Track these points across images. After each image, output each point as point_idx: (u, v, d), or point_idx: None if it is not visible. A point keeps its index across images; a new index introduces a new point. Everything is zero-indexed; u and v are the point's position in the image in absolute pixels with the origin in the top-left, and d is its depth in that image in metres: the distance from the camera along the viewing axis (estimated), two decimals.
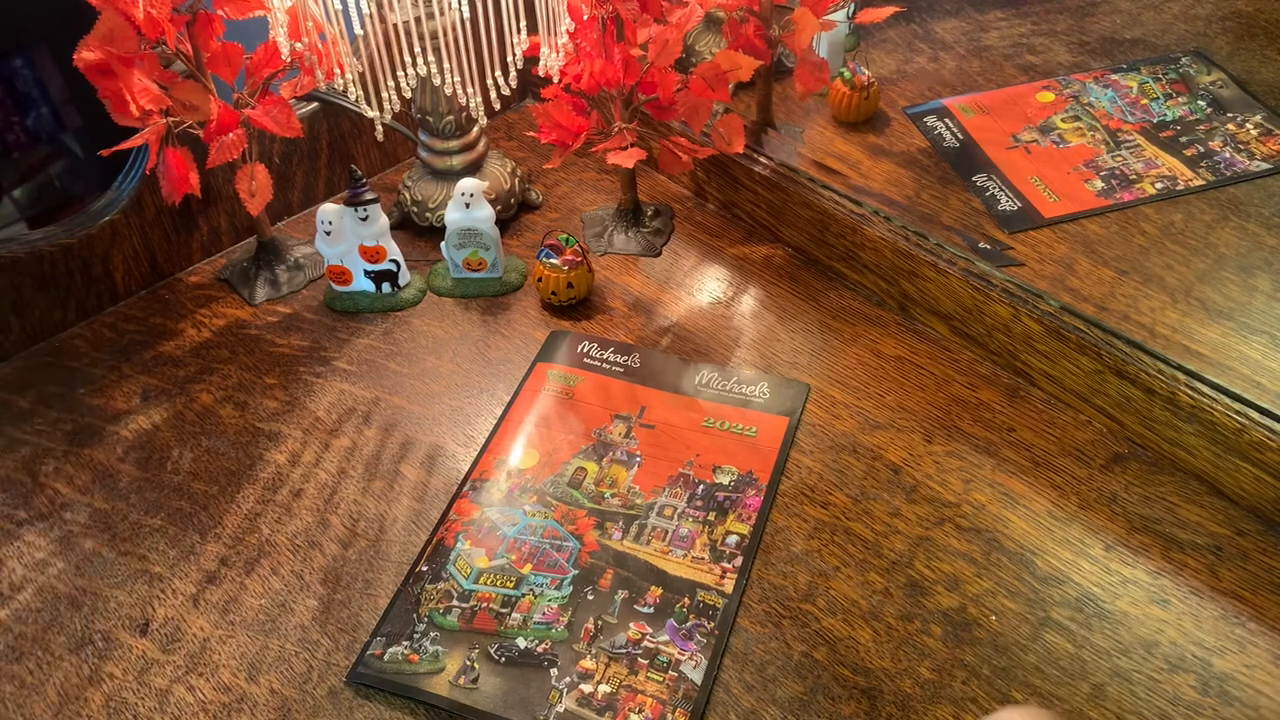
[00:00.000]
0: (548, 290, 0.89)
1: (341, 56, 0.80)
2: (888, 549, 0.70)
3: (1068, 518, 0.72)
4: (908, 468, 0.75)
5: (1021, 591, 0.67)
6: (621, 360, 0.85)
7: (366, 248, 0.88)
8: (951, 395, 0.81)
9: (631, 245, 0.96)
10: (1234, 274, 0.82)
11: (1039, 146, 0.96)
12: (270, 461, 0.79)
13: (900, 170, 0.94)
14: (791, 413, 0.79)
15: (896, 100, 1.02)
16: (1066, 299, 0.79)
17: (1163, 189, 0.90)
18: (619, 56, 0.82)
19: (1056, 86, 1.02)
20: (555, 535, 0.72)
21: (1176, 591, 0.67)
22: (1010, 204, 0.90)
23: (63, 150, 1.32)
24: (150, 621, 0.69)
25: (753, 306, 0.90)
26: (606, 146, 0.85)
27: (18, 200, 1.30)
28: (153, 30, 0.76)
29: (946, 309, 0.84)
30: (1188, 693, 0.62)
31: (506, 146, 1.09)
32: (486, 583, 0.69)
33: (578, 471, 0.76)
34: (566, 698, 0.63)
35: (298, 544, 0.73)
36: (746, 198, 0.96)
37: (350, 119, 1.02)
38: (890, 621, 0.66)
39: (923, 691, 0.63)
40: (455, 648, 0.66)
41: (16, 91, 1.26)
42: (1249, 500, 0.71)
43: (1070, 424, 0.78)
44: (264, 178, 0.85)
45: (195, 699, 0.65)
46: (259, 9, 0.81)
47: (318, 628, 0.68)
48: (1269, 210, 0.87)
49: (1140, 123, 0.97)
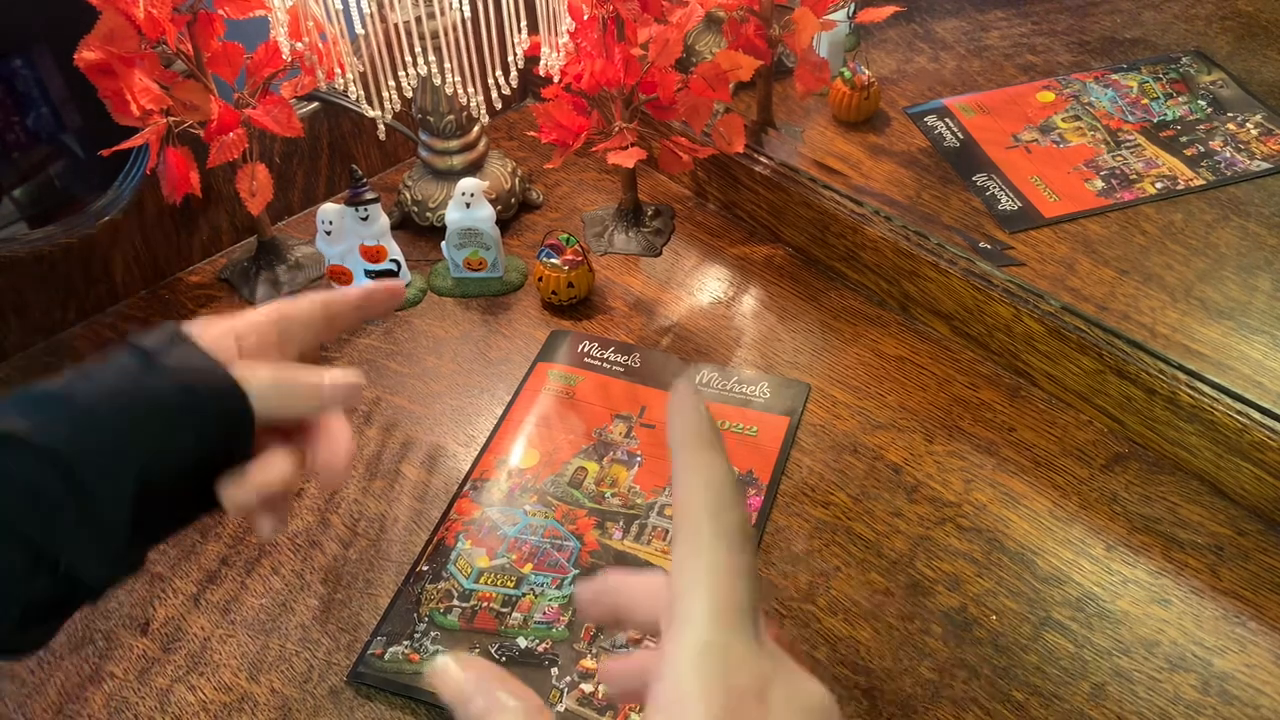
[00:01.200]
0: (548, 290, 0.89)
1: (342, 56, 0.80)
2: (888, 549, 0.70)
3: (1069, 518, 0.72)
4: (908, 467, 0.75)
5: (1022, 591, 0.67)
6: (622, 360, 0.85)
7: (367, 247, 0.88)
8: (952, 395, 0.81)
9: (632, 245, 0.96)
10: (1234, 274, 0.82)
11: (1039, 146, 0.96)
12: None
13: (901, 170, 0.94)
14: (792, 412, 0.79)
15: (897, 100, 1.02)
16: (1067, 299, 0.79)
17: (1163, 189, 0.90)
18: (619, 56, 0.82)
19: (1057, 86, 1.02)
20: (556, 535, 0.72)
21: (1177, 591, 0.67)
22: (1011, 204, 0.90)
23: (63, 150, 1.32)
24: (151, 621, 0.69)
25: (753, 306, 0.90)
26: (607, 146, 0.85)
27: (18, 200, 1.30)
28: (153, 30, 0.76)
29: (947, 309, 0.84)
30: (1188, 692, 0.62)
31: (507, 146, 1.09)
32: (487, 582, 0.69)
33: (578, 471, 0.76)
34: (567, 697, 0.63)
35: (298, 543, 0.73)
36: (747, 198, 0.96)
37: (351, 119, 1.02)
38: (891, 621, 0.66)
39: (923, 691, 0.63)
40: (456, 647, 0.66)
41: (16, 91, 1.26)
42: (1250, 500, 0.71)
43: (1071, 424, 0.78)
44: (264, 177, 0.85)
45: (196, 698, 0.65)
46: (259, 9, 0.81)
47: (318, 627, 0.68)
48: (1269, 210, 0.87)
49: (1140, 122, 0.97)
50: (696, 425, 0.33)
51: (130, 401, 0.42)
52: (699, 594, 0.30)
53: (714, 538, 0.31)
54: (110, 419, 0.41)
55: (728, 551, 0.31)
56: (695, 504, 0.32)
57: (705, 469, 0.32)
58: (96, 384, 0.42)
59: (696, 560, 0.31)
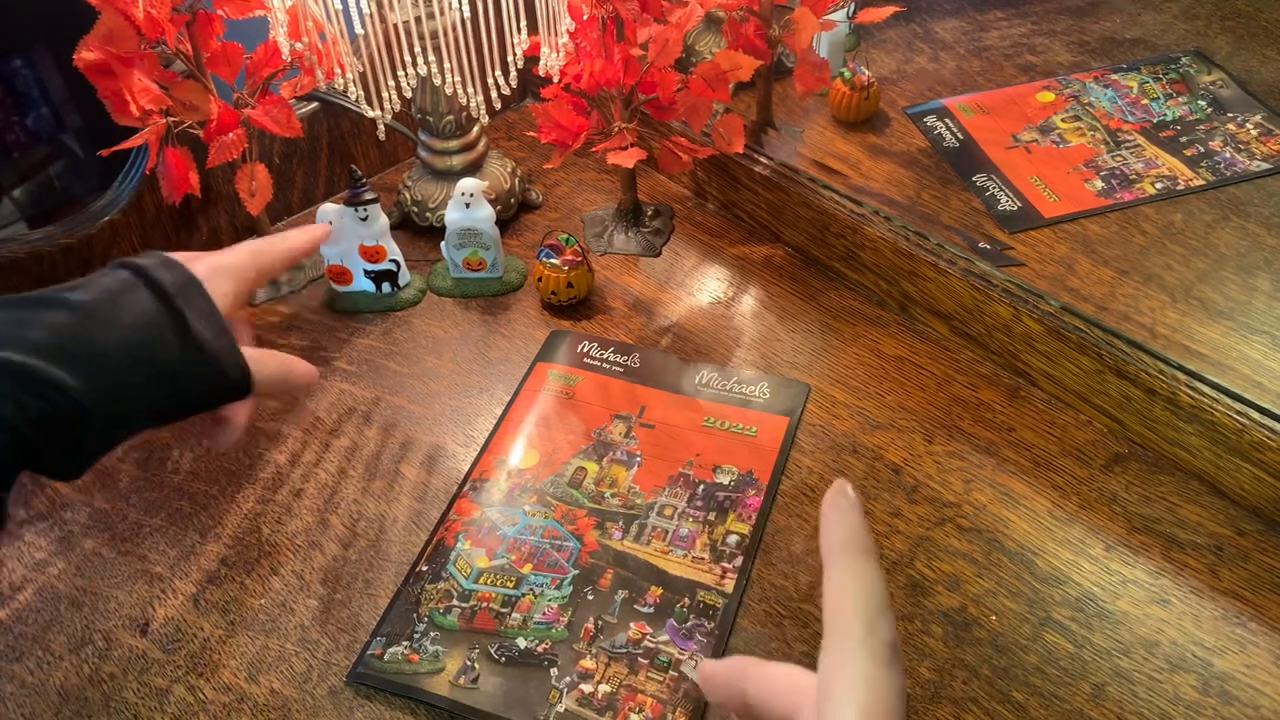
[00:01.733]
0: (548, 290, 0.89)
1: (342, 56, 0.80)
2: (888, 549, 0.70)
3: (1068, 518, 0.72)
4: (908, 468, 0.75)
5: (1022, 591, 0.67)
6: (621, 360, 0.85)
7: (366, 248, 0.88)
8: (952, 395, 0.81)
9: (631, 245, 0.96)
10: (1234, 274, 0.82)
11: (1039, 146, 0.96)
12: (270, 461, 0.79)
13: (900, 170, 0.94)
14: (792, 412, 0.79)
15: (896, 100, 1.02)
16: (1067, 299, 0.79)
17: (1163, 189, 0.90)
18: (619, 56, 0.82)
19: (1056, 86, 1.02)
20: (555, 535, 0.72)
21: (1177, 591, 0.67)
22: (1010, 204, 0.90)
23: (63, 150, 1.32)
24: (150, 621, 0.69)
25: (753, 306, 0.90)
26: (606, 146, 0.85)
27: (18, 200, 1.30)
28: (153, 30, 0.76)
29: (947, 309, 0.84)
30: (1188, 692, 0.62)
31: (506, 146, 1.09)
32: (487, 582, 0.69)
33: (578, 471, 0.76)
34: (567, 697, 0.63)
35: (298, 544, 0.73)
36: (747, 198, 0.96)
37: (350, 119, 1.02)
38: None
39: (923, 691, 0.63)
40: (455, 647, 0.66)
41: (16, 91, 1.26)
42: (1249, 500, 0.71)
43: (1071, 424, 0.78)
44: (264, 178, 0.85)
45: (195, 699, 0.65)
46: (259, 9, 0.81)
47: (318, 628, 0.68)
48: (1269, 210, 0.87)
49: (1140, 122, 0.97)
50: (853, 529, 0.33)
51: (149, 367, 0.48)
52: (849, 706, 0.30)
53: (867, 650, 0.31)
54: (126, 374, 0.48)
55: (879, 666, 0.31)
56: (849, 612, 0.32)
57: (862, 577, 0.32)
58: (119, 333, 0.48)
59: (849, 670, 0.31)
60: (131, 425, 0.49)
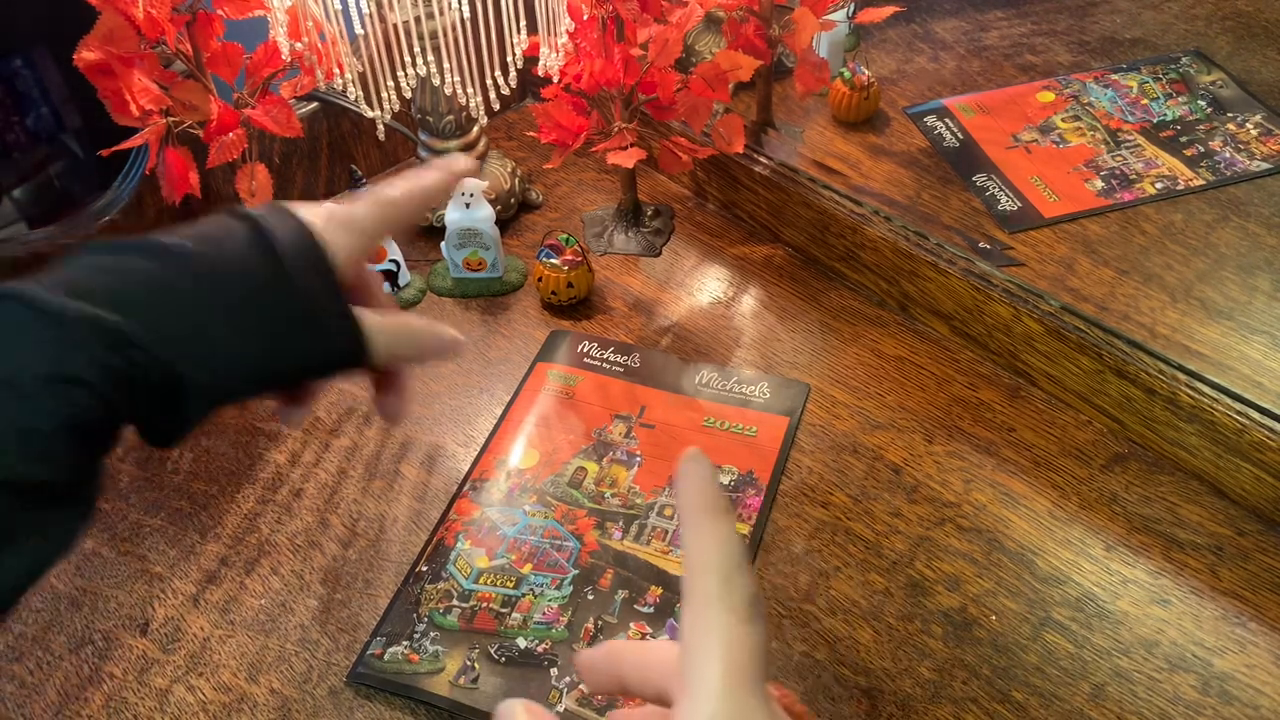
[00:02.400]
0: (548, 290, 0.89)
1: (341, 56, 0.80)
2: (888, 549, 0.70)
3: (1068, 518, 0.72)
4: (908, 468, 0.75)
5: (1022, 591, 0.67)
6: (621, 360, 0.85)
7: None
8: (952, 395, 0.81)
9: (631, 245, 0.96)
10: (1234, 274, 0.82)
11: (1039, 146, 0.96)
12: (270, 461, 0.79)
13: (900, 170, 0.94)
14: (792, 412, 0.79)
15: (896, 100, 1.02)
16: (1067, 299, 0.79)
17: (1163, 189, 0.90)
18: (619, 56, 0.82)
19: (1056, 86, 1.02)
20: (555, 535, 0.72)
21: (1177, 591, 0.67)
22: (1010, 204, 0.90)
23: (63, 150, 1.32)
24: (150, 621, 0.69)
25: (753, 306, 0.90)
26: (606, 146, 0.85)
27: (18, 200, 1.30)
28: (153, 30, 0.76)
29: (947, 309, 0.84)
30: (1188, 692, 0.62)
31: (506, 146, 1.09)
32: (486, 582, 0.69)
33: (578, 471, 0.76)
34: (567, 697, 0.63)
35: (298, 544, 0.73)
36: (746, 198, 0.96)
37: (350, 119, 1.02)
38: (891, 621, 0.66)
39: (923, 691, 0.63)
40: (455, 647, 0.66)
41: (16, 91, 1.26)
42: (1249, 500, 0.71)
43: (1071, 424, 0.78)
44: (264, 178, 0.85)
45: (195, 699, 0.65)
46: (259, 9, 0.81)
47: (318, 627, 0.68)
48: (1269, 210, 0.87)
49: (1140, 122, 0.97)
50: (706, 492, 0.33)
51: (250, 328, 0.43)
52: (711, 665, 0.30)
53: (725, 608, 0.31)
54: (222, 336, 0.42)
55: (739, 622, 0.31)
56: (705, 572, 0.32)
57: (715, 537, 0.32)
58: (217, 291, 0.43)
59: (708, 630, 0.31)
60: (233, 390, 0.43)
